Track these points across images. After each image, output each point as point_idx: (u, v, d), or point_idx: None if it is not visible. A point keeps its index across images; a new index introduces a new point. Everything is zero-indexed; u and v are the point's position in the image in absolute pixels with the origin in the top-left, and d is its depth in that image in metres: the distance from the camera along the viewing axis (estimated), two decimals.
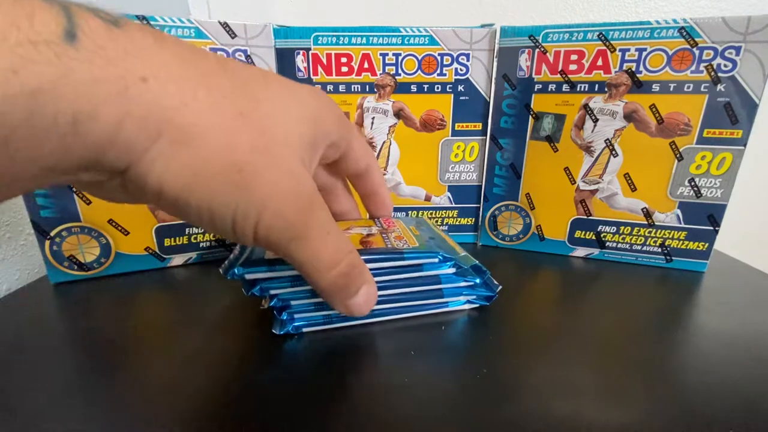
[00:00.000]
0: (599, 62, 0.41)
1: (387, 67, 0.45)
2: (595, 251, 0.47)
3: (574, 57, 0.41)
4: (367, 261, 0.32)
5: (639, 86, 0.40)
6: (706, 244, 0.43)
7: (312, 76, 0.45)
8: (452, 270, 0.34)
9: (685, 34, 0.37)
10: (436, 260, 0.33)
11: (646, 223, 0.44)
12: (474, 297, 0.35)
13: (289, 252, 0.22)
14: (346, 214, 0.35)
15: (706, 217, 0.42)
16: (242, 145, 0.18)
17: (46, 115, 0.14)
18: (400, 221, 0.40)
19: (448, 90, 0.46)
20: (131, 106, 0.16)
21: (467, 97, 0.46)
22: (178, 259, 0.45)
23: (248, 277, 0.30)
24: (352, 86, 0.46)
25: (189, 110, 0.17)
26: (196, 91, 0.17)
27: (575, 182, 0.45)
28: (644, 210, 0.43)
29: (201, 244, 0.45)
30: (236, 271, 0.30)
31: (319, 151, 0.24)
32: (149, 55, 0.16)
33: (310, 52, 0.45)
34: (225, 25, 0.40)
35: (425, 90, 0.46)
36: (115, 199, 0.20)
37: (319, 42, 0.44)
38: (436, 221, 0.51)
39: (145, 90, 0.16)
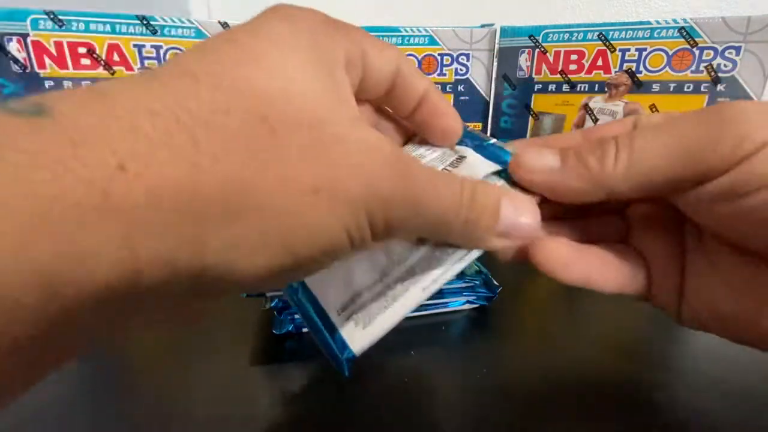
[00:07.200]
0: (599, 62, 0.41)
1: None
2: None
3: (574, 57, 0.41)
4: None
5: (639, 86, 0.40)
6: None
7: None
8: None
9: (685, 34, 0.37)
10: None
11: None
12: (474, 297, 0.35)
13: (416, 228, 0.17)
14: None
15: None
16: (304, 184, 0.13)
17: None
18: None
19: (448, 90, 0.46)
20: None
21: (467, 97, 0.46)
22: None
23: None
24: None
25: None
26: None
27: None
28: None
29: None
30: None
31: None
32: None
33: None
34: (225, 25, 0.40)
35: None
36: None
37: None
38: None
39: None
